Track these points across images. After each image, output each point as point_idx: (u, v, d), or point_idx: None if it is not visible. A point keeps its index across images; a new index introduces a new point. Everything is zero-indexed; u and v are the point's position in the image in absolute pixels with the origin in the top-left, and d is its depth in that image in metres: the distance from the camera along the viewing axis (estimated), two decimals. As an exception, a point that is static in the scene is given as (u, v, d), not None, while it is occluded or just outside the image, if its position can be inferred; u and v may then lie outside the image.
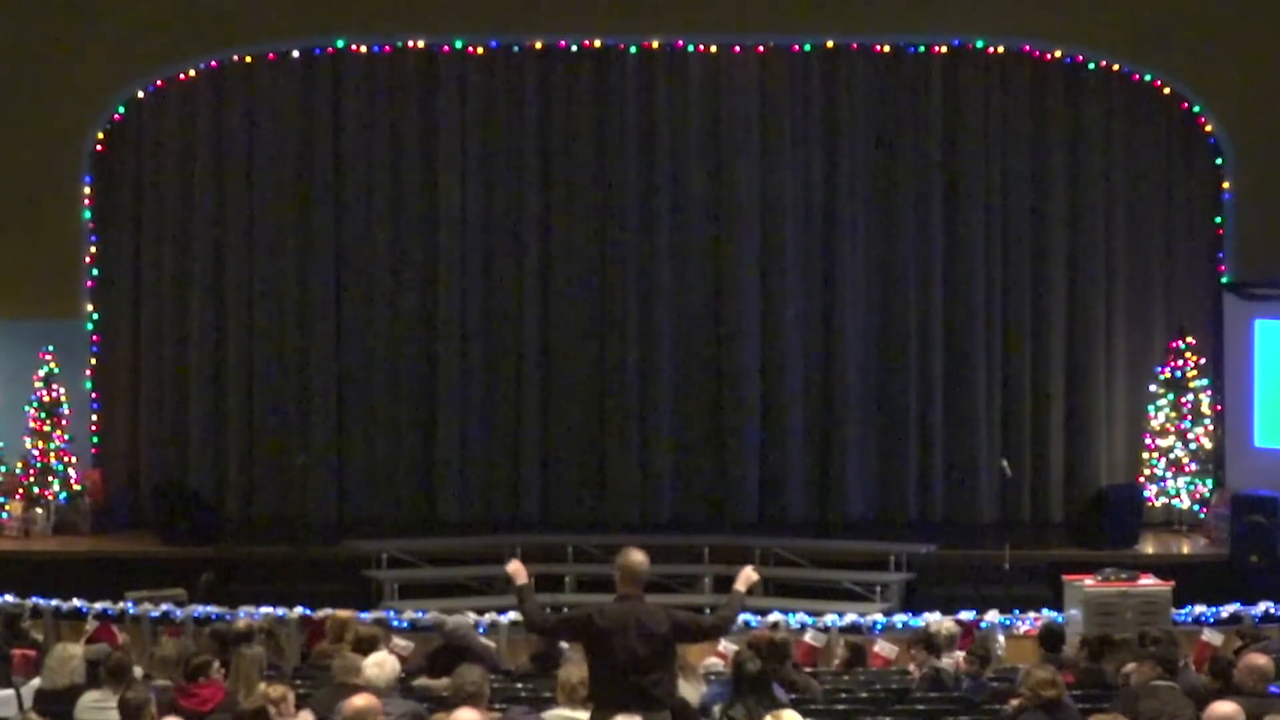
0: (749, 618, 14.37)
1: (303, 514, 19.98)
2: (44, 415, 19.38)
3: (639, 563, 8.71)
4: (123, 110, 20.16)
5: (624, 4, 19.88)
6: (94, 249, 20.17)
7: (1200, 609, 15.00)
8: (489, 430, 20.30)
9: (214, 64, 20.14)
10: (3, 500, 19.29)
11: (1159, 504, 19.43)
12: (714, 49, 20.06)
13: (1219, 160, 19.85)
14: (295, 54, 20.16)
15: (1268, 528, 17.63)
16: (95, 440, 20.19)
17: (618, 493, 20.16)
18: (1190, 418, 19.37)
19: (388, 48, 20.14)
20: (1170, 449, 19.40)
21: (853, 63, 20.16)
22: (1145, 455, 19.62)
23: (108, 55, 19.74)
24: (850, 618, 15.23)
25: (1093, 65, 19.95)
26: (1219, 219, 19.93)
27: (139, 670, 10.69)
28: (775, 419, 20.19)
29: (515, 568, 8.93)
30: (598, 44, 20.12)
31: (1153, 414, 19.54)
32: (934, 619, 13.61)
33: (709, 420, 20.29)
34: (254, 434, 20.32)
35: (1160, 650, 10.42)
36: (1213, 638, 13.79)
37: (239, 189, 20.29)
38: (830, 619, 15.03)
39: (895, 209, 20.22)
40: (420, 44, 20.11)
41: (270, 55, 20.15)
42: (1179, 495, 19.38)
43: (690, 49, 20.09)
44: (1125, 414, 20.10)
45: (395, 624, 14.85)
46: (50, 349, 19.52)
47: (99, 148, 20.12)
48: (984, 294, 20.16)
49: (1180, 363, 19.42)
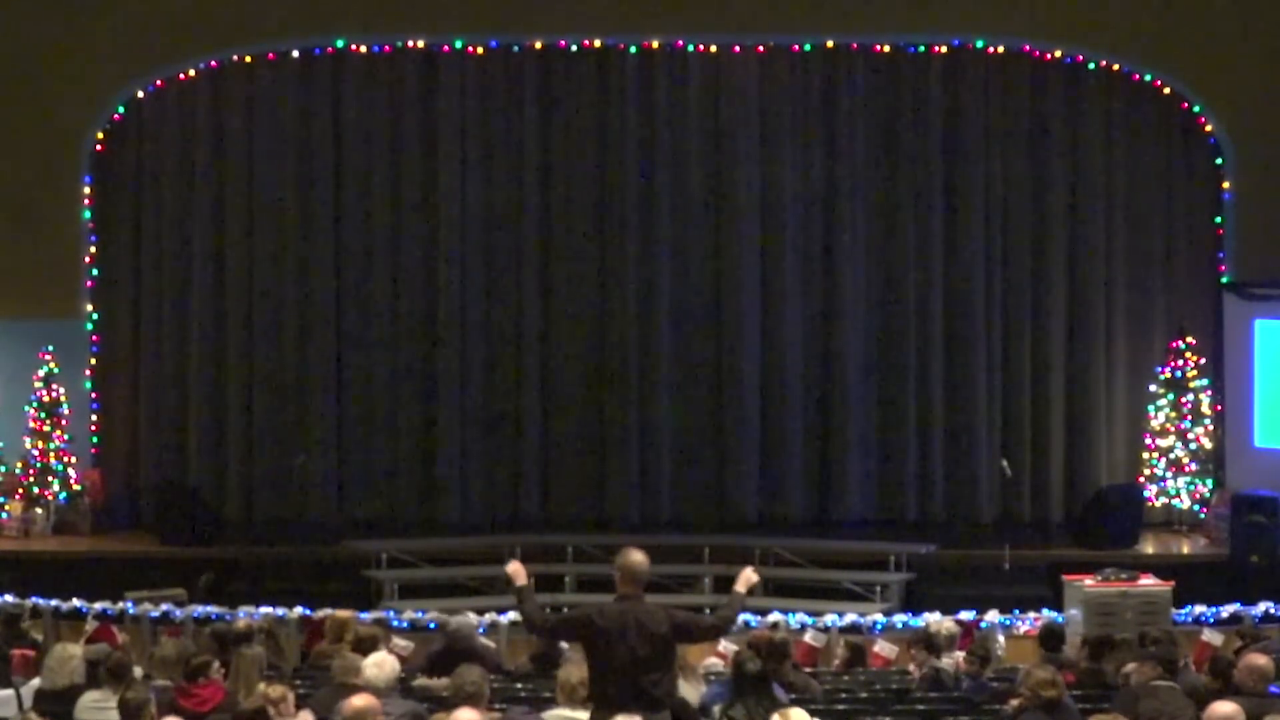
0: (749, 618, 14.37)
1: (303, 514, 20.02)
2: (44, 415, 19.38)
3: (639, 563, 8.71)
4: (123, 110, 20.15)
5: (624, 4, 19.87)
6: (94, 249, 20.16)
7: (1200, 609, 15.00)
8: (489, 430, 20.29)
9: (214, 64, 20.13)
10: (3, 500, 19.29)
11: (1159, 504, 19.43)
12: (714, 49, 20.04)
13: (1219, 160, 19.84)
14: (295, 54, 20.15)
15: (1268, 528, 17.64)
16: (95, 440, 20.18)
17: (618, 493, 20.17)
18: (1190, 418, 19.38)
19: (388, 48, 20.13)
20: (1170, 449, 19.40)
21: (853, 63, 20.15)
22: (1145, 455, 19.62)
23: (108, 55, 19.74)
24: (850, 618, 15.24)
25: (1093, 65, 19.94)
26: (1219, 219, 19.92)
27: (139, 670, 10.70)
28: (775, 419, 20.18)
29: (515, 568, 8.93)
30: (598, 44, 20.11)
31: (1153, 414, 19.54)
32: (934, 619, 13.61)
33: (709, 420, 20.27)
34: (254, 434, 20.30)
35: (1160, 650, 10.43)
36: (1213, 638, 13.78)
37: (239, 189, 20.28)
38: (830, 619, 15.04)
39: (895, 209, 20.22)
40: (420, 44, 20.10)
41: (270, 55, 20.14)
42: (1179, 495, 19.38)
43: (690, 49, 20.07)
44: (1125, 414, 20.09)
45: (395, 624, 14.86)
46: (50, 349, 19.52)
47: (99, 148, 20.11)
48: (984, 294, 20.15)
49: (1180, 363, 19.43)
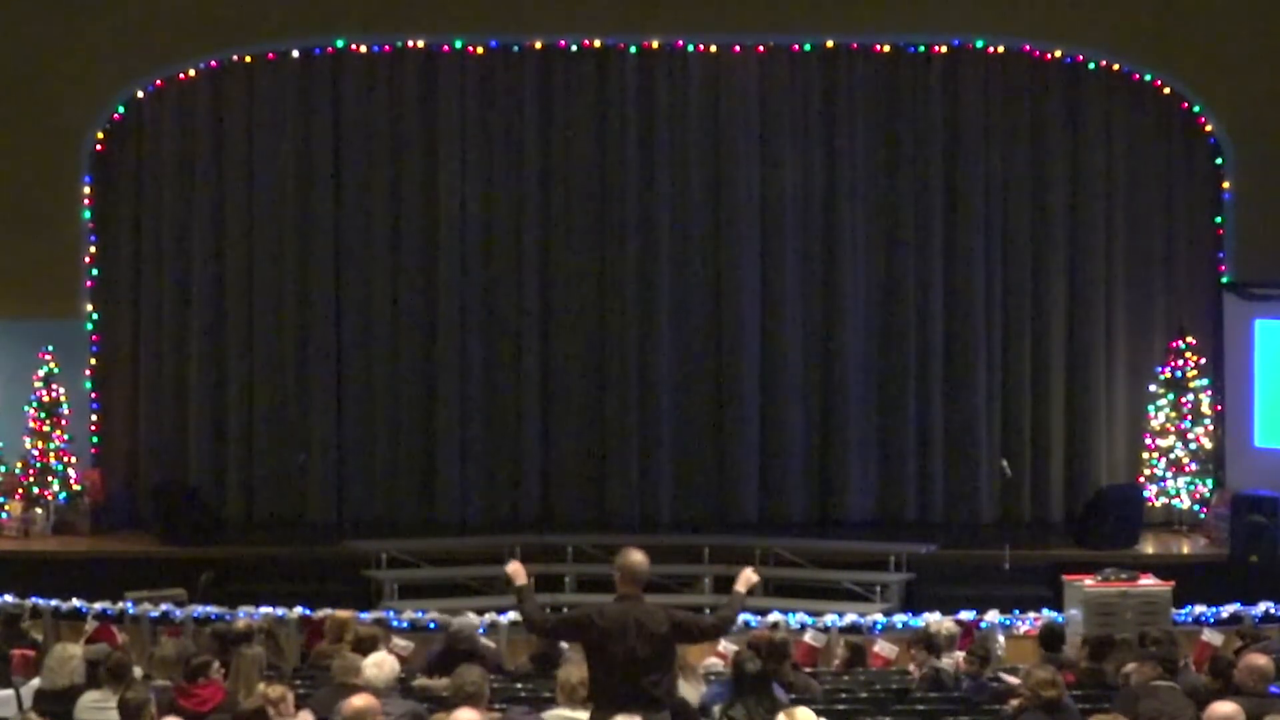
0: (749, 618, 14.37)
1: (303, 514, 20.02)
2: (44, 415, 19.37)
3: (639, 563, 8.71)
4: (123, 110, 20.14)
5: (624, 4, 19.87)
6: (94, 249, 20.15)
7: (1200, 609, 14.99)
8: (489, 430, 20.30)
9: (214, 64, 20.12)
10: (2, 500, 19.28)
11: (1159, 504, 19.42)
12: (714, 49, 20.03)
13: (1219, 160, 19.84)
14: (295, 54, 20.14)
15: (1268, 528, 17.63)
16: (95, 440, 20.17)
17: (618, 493, 20.17)
18: (1190, 418, 19.37)
19: (388, 48, 20.13)
20: (1170, 449, 19.39)
21: (853, 63, 20.15)
22: (1145, 455, 19.61)
23: (108, 55, 19.73)
24: (850, 618, 15.23)
25: (1093, 65, 19.94)
26: (1219, 219, 19.92)
27: (139, 670, 10.70)
28: (775, 419, 20.17)
29: (515, 568, 8.94)
30: (598, 44, 20.10)
31: (1153, 414, 19.53)
32: (934, 619, 13.60)
33: (709, 420, 20.28)
34: (254, 434, 20.30)
35: (1160, 650, 10.43)
36: (1213, 638, 13.78)
37: (239, 189, 20.28)
38: (830, 619, 15.03)
39: (895, 209, 20.22)
40: (420, 44, 20.09)
41: (270, 55, 20.13)
42: (1179, 495, 19.37)
43: (690, 49, 20.06)
44: (1125, 414, 20.08)
45: (395, 624, 14.86)
46: (50, 349, 19.51)
47: (99, 148, 20.10)
48: (984, 294, 20.15)
49: (1180, 363, 19.42)
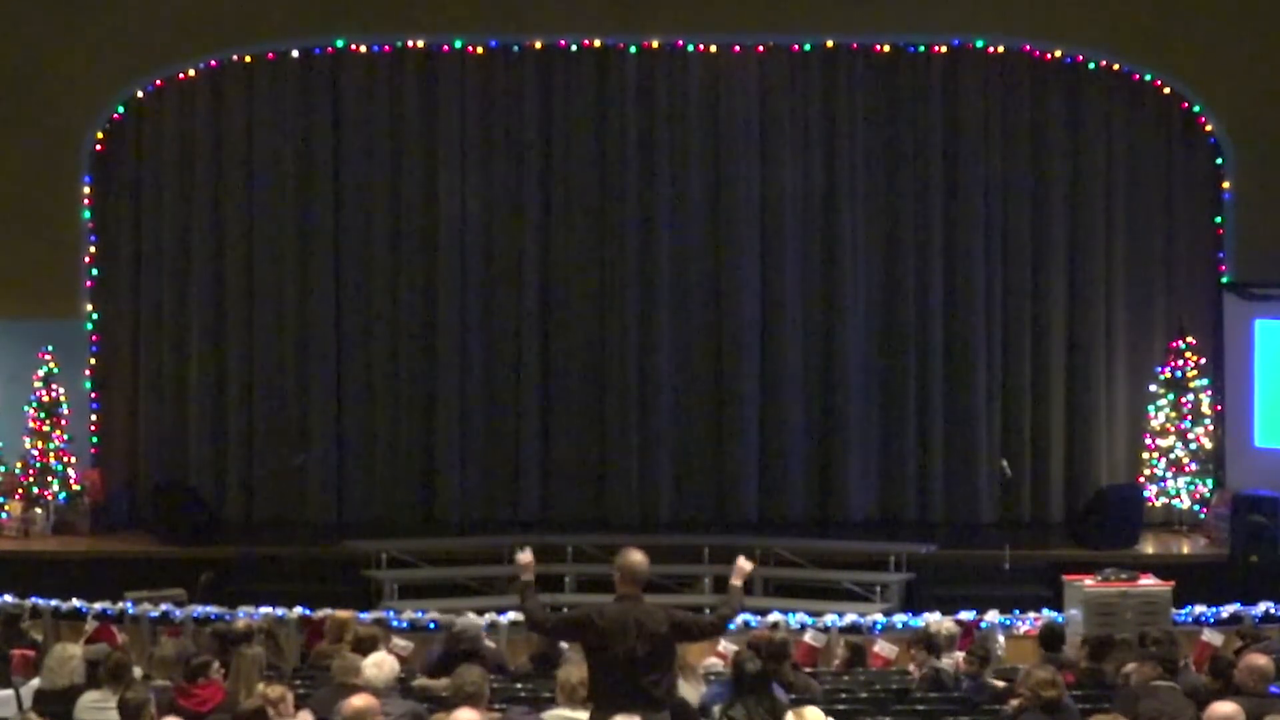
0: (749, 618, 14.38)
1: (303, 514, 20.02)
2: (43, 415, 19.36)
3: (639, 563, 8.72)
4: (122, 110, 20.14)
5: (624, 4, 19.87)
6: (94, 249, 20.15)
7: (1200, 609, 14.98)
8: (489, 430, 20.30)
9: (214, 64, 20.12)
10: (2, 500, 19.27)
11: (1159, 504, 19.42)
12: (714, 49, 20.03)
13: (1219, 160, 19.83)
14: (295, 54, 20.13)
15: (1268, 528, 17.62)
16: (95, 440, 20.17)
17: (618, 493, 20.17)
18: (1190, 418, 19.36)
19: (388, 48, 20.12)
20: (1170, 449, 19.38)
21: (853, 63, 20.15)
22: (1145, 455, 19.60)
23: (108, 55, 19.72)
24: (850, 618, 15.21)
25: (1093, 65, 19.93)
26: (1219, 219, 19.92)
27: (138, 670, 10.70)
28: (775, 419, 20.17)
29: (526, 560, 8.92)
30: (598, 44, 20.10)
31: (1153, 414, 19.53)
32: (934, 619, 13.60)
33: (709, 420, 20.27)
34: (254, 434, 20.30)
35: (1160, 650, 10.43)
36: (1213, 638, 13.76)
37: (239, 189, 20.27)
38: (830, 619, 15.02)
39: (895, 209, 20.22)
40: (420, 44, 20.09)
41: (270, 55, 20.13)
42: (1179, 495, 19.36)
43: (690, 49, 20.06)
44: (1125, 414, 20.08)
45: (395, 624, 14.85)
46: (50, 349, 19.50)
47: (99, 148, 20.09)
48: (984, 294, 20.15)
49: (1180, 363, 19.41)
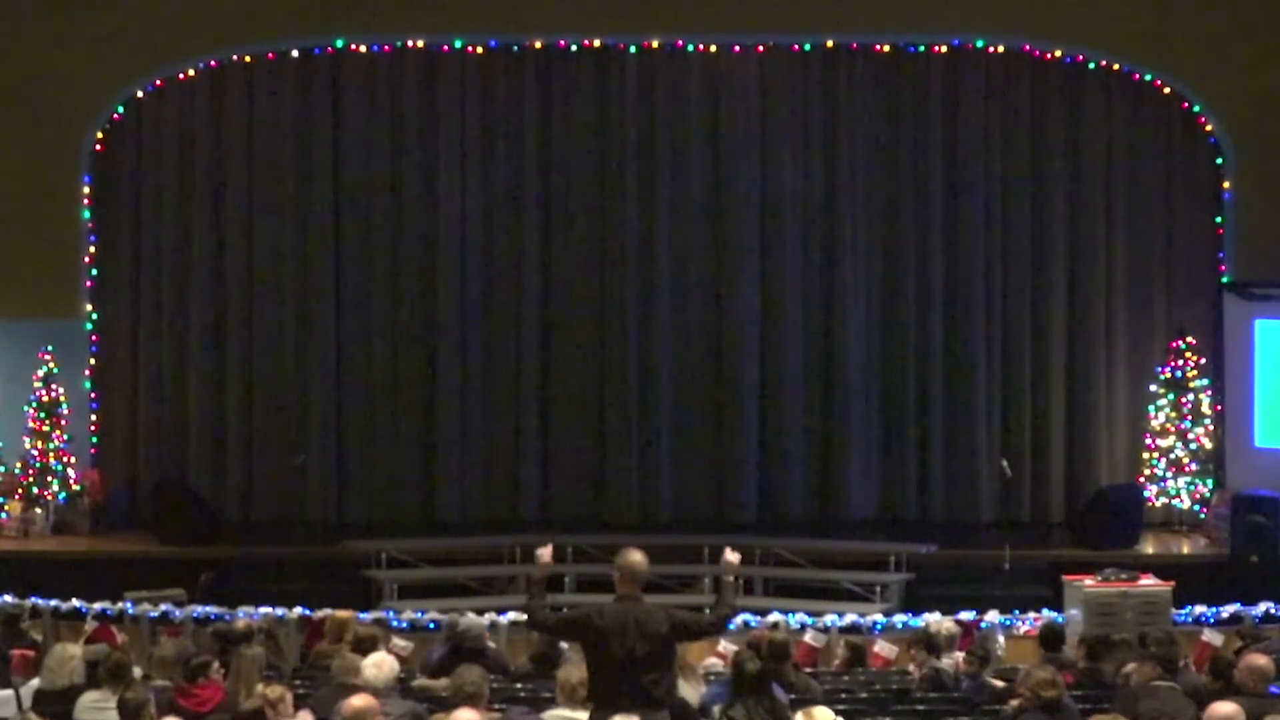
0: (749, 618, 14.38)
1: (302, 514, 20.01)
2: (43, 415, 19.36)
3: (638, 563, 8.73)
4: (122, 110, 20.14)
5: (624, 4, 19.88)
6: (94, 249, 20.15)
7: (1200, 609, 14.98)
8: (489, 430, 20.29)
9: (214, 64, 20.13)
10: (2, 500, 19.28)
11: (1159, 504, 19.42)
12: (714, 49, 20.03)
13: (1219, 160, 19.84)
14: (295, 54, 20.14)
15: (1268, 528, 17.62)
16: (94, 440, 20.17)
17: (618, 493, 20.16)
18: (1190, 418, 19.37)
19: (388, 48, 20.12)
20: (1170, 449, 19.39)
21: (853, 63, 20.15)
22: (1145, 455, 19.61)
23: (108, 55, 19.72)
24: (850, 618, 15.21)
25: (1093, 65, 19.93)
26: (1219, 219, 19.92)
27: (138, 670, 10.70)
28: (775, 419, 20.17)
29: (547, 556, 8.93)
30: (598, 44, 20.10)
31: (1153, 414, 19.53)
32: (934, 619, 13.60)
33: (709, 420, 20.27)
34: (254, 434, 20.29)
35: (1160, 650, 10.42)
36: (1213, 638, 13.76)
37: (239, 189, 20.27)
38: (830, 619, 15.02)
39: (895, 209, 20.21)
40: (420, 44, 20.09)
41: (270, 55, 20.13)
42: (1179, 495, 19.37)
43: (690, 49, 20.06)
44: (1125, 414, 20.08)
45: (394, 624, 14.85)
46: (50, 349, 19.50)
47: (99, 148, 20.09)
48: (984, 294, 20.15)
49: (1180, 363, 19.42)
